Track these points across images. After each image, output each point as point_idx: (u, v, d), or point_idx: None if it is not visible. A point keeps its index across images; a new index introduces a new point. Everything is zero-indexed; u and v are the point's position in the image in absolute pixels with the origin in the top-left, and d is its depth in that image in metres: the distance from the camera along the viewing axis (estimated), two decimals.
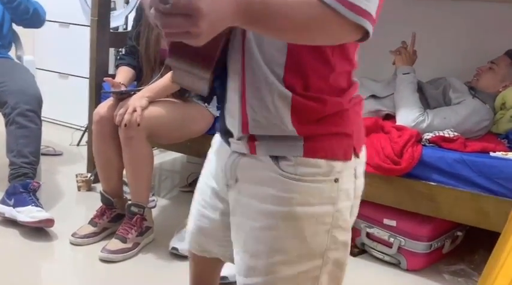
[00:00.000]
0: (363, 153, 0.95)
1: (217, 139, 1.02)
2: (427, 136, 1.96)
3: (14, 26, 2.47)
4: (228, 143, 0.93)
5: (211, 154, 1.05)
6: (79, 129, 3.23)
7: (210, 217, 1.03)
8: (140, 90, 1.99)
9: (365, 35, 0.74)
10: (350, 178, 0.88)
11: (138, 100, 1.88)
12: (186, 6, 0.59)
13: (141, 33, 2.12)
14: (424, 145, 1.92)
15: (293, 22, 0.70)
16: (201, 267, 1.19)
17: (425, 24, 2.51)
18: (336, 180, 0.84)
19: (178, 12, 0.59)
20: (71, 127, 3.42)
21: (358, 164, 0.91)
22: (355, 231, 2.07)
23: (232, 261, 0.97)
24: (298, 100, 0.82)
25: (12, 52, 2.51)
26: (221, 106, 0.93)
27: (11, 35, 2.46)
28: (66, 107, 3.41)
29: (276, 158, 0.85)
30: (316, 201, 0.83)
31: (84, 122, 2.93)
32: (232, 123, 0.89)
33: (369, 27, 0.72)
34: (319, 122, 0.83)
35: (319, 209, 0.84)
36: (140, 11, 2.17)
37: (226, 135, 0.93)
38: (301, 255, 0.85)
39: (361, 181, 0.93)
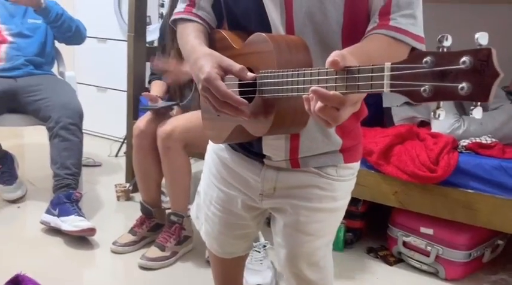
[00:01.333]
0: None
1: (227, 152, 1.05)
2: (464, 142, 1.93)
3: (56, 43, 2.59)
4: (258, 160, 0.99)
5: (218, 165, 1.08)
6: (117, 141, 3.34)
7: (238, 223, 1.11)
8: (175, 104, 2.06)
9: None
10: None
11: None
12: (357, 97, 0.66)
13: (165, 51, 2.18)
14: (461, 152, 1.89)
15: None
16: (225, 267, 1.29)
17: (459, 28, 2.47)
18: (356, 176, 1.06)
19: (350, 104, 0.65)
20: (109, 139, 3.54)
21: None
22: (392, 240, 2.06)
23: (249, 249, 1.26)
24: (344, 124, 0.95)
25: (54, 69, 2.63)
26: None
27: (54, 52, 2.58)
28: (104, 119, 3.53)
29: (318, 167, 0.97)
30: (347, 194, 1.05)
31: (122, 133, 3.03)
32: (275, 151, 0.95)
33: (424, 47, 0.86)
34: (351, 136, 0.99)
35: (348, 199, 1.06)
36: (163, 31, 2.22)
37: (256, 155, 0.99)
38: (331, 233, 1.09)
39: None
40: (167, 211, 2.05)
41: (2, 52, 2.35)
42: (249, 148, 0.99)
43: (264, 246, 1.88)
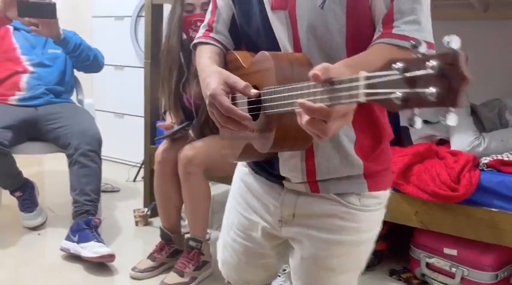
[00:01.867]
0: None
1: (251, 177, 1.04)
2: (485, 160, 1.89)
3: (75, 72, 2.65)
4: (278, 183, 0.97)
5: (242, 190, 1.07)
6: (135, 166, 3.37)
7: (257, 251, 1.08)
8: (189, 124, 2.07)
9: None
10: None
11: None
12: (344, 109, 0.65)
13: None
14: (482, 170, 1.86)
15: None
16: None
17: (475, 45, 2.46)
18: (385, 206, 0.97)
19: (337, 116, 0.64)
20: (127, 164, 3.57)
21: None
22: (414, 261, 2.01)
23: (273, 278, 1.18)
24: (364, 144, 0.90)
25: (73, 96, 2.68)
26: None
27: (73, 81, 2.64)
28: (121, 145, 3.57)
29: (339, 194, 0.92)
30: (374, 226, 0.97)
31: (139, 159, 3.05)
32: (292, 172, 0.93)
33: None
34: (376, 160, 0.93)
35: (375, 232, 0.98)
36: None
37: (277, 178, 0.96)
38: (357, 269, 1.00)
39: None
40: (186, 236, 2.04)
41: (23, 82, 2.41)
42: (269, 170, 0.98)
43: (284, 270, 1.85)
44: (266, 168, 0.99)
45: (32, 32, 2.30)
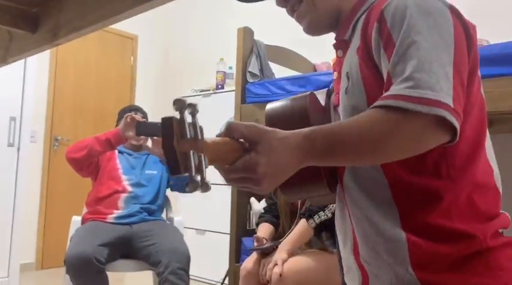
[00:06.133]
0: None
1: None
2: None
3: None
4: None
5: None
6: (214, 284, 3.30)
7: None
8: (280, 243, 2.05)
9: (453, 132, 0.65)
10: None
11: (278, 254, 1.93)
12: (245, 169, 0.65)
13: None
14: None
15: (364, 144, 0.65)
16: None
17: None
18: None
19: (239, 174, 0.64)
20: (206, 282, 3.51)
21: None
22: None
23: None
24: (417, 243, 0.70)
25: (163, 214, 2.78)
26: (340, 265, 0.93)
27: (164, 199, 2.77)
28: (202, 262, 3.55)
29: None
30: None
31: (218, 277, 3.00)
32: (351, 280, 0.85)
33: (448, 116, 0.63)
34: (453, 269, 0.67)
35: None
36: None
37: None
38: None
39: None
40: None
41: (121, 201, 2.56)
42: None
43: None
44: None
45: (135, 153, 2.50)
